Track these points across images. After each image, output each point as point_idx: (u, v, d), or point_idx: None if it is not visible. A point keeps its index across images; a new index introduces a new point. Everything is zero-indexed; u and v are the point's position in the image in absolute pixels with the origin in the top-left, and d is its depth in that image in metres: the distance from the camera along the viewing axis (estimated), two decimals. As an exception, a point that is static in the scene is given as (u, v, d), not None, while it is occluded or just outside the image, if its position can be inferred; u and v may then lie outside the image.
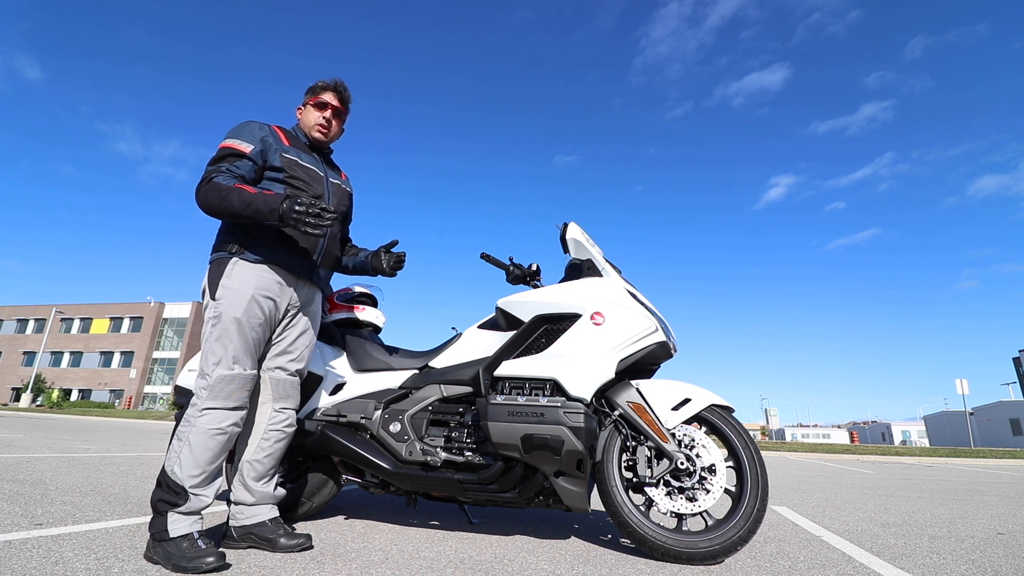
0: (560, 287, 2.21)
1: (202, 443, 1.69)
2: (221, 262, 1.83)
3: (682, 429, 2.04)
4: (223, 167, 1.80)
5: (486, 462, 2.05)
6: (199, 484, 1.68)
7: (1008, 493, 5.24)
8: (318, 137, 2.07)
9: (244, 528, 1.88)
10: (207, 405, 1.72)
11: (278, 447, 1.96)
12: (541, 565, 1.83)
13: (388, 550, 1.93)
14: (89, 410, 26.99)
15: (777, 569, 1.90)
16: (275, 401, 1.95)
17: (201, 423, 1.70)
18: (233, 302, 1.78)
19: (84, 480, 3.24)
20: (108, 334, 51.80)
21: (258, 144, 1.87)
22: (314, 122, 2.05)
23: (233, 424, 1.75)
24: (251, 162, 1.84)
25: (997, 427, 38.14)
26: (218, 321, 1.77)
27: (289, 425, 1.99)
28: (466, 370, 2.19)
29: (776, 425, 56.33)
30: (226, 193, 1.72)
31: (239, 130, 1.89)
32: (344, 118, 2.14)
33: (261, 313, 1.82)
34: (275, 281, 1.86)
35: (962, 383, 23.43)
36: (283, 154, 1.91)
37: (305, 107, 2.09)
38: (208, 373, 1.74)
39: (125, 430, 11.15)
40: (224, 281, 1.80)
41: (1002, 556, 2.28)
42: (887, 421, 63.97)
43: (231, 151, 1.83)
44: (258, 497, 1.91)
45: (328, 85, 2.08)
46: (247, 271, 1.81)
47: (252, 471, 1.91)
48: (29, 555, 1.61)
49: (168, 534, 1.60)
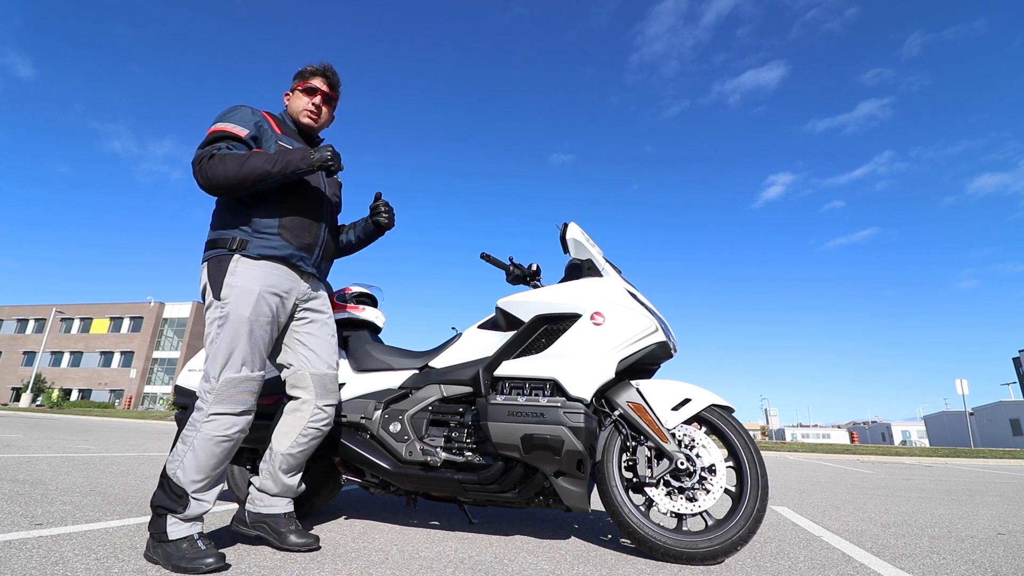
0: (560, 287, 2.21)
1: (207, 449, 1.65)
2: (222, 260, 1.76)
3: (682, 429, 2.04)
4: (220, 146, 1.72)
5: (486, 462, 2.05)
6: (201, 489, 1.65)
7: (1008, 493, 5.24)
8: (308, 123, 2.01)
9: (259, 515, 1.87)
10: (213, 410, 1.66)
11: (312, 444, 1.95)
12: (541, 565, 1.83)
13: (388, 550, 1.93)
14: (89, 410, 26.99)
15: (777, 569, 1.90)
16: (319, 398, 1.92)
17: (207, 429, 1.65)
18: (240, 300, 1.72)
19: (84, 480, 3.24)
20: (108, 334, 51.81)
21: (252, 129, 1.81)
22: (303, 108, 1.99)
23: (240, 431, 1.71)
24: (246, 147, 1.77)
25: (997, 427, 38.14)
26: (225, 321, 1.71)
27: (327, 424, 1.96)
28: (466, 370, 2.19)
29: (776, 425, 56.34)
30: (245, 158, 1.67)
31: (231, 114, 1.81)
32: (334, 104, 2.08)
33: (269, 311, 1.77)
34: (280, 277, 1.82)
35: (962, 383, 23.43)
36: (278, 142, 1.85)
37: (293, 92, 2.02)
38: (214, 376, 1.68)
39: (125, 430, 11.15)
40: (228, 279, 1.73)
41: (1002, 556, 2.28)
42: (887, 421, 64.00)
43: (226, 133, 1.75)
44: (281, 489, 1.90)
45: (316, 70, 2.01)
46: (252, 268, 1.76)
47: (284, 463, 1.90)
48: (29, 555, 1.61)
49: (167, 536, 1.59)
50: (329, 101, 2.05)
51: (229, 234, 1.79)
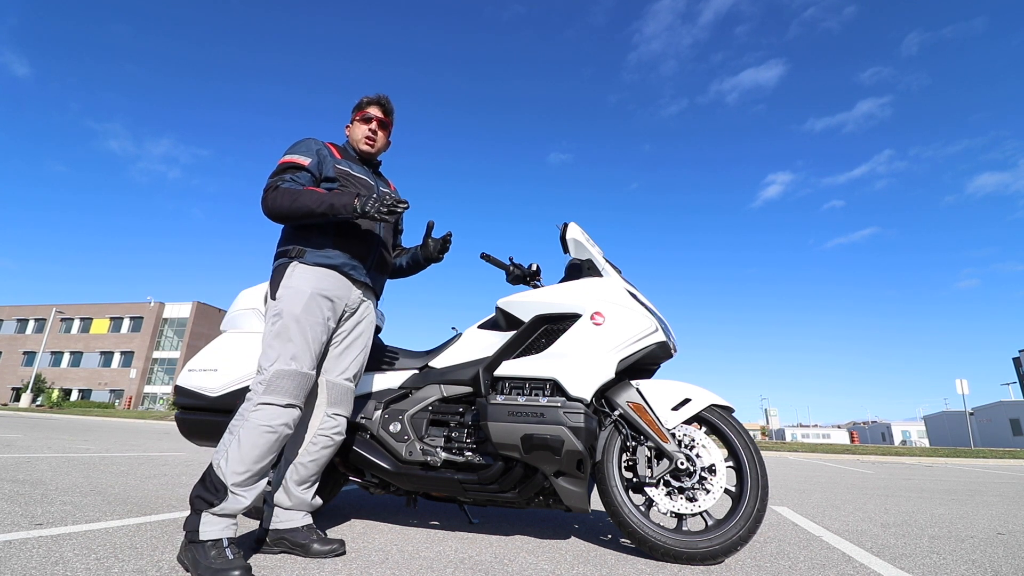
0: (560, 287, 2.21)
1: (251, 439, 1.67)
2: (282, 267, 1.91)
3: (682, 429, 2.04)
4: (286, 177, 1.90)
5: (486, 462, 2.05)
6: (241, 483, 1.65)
7: (1008, 493, 5.24)
8: (366, 149, 2.15)
9: (277, 532, 1.86)
10: (262, 400, 1.71)
11: (324, 453, 1.95)
12: (541, 565, 1.83)
13: (388, 550, 1.93)
14: (89, 410, 26.99)
15: (777, 569, 1.90)
16: (329, 406, 1.95)
17: (254, 418, 1.69)
18: (293, 300, 1.82)
19: (84, 480, 3.24)
20: (108, 334, 51.81)
21: (315, 157, 1.97)
22: (361, 135, 2.14)
23: (284, 424, 1.73)
24: (309, 174, 1.94)
25: (997, 427, 38.14)
26: (278, 319, 1.81)
27: (338, 433, 1.97)
28: (466, 370, 2.19)
29: (776, 425, 56.35)
30: (297, 195, 1.84)
31: (297, 146, 1.99)
32: (389, 129, 2.22)
33: (320, 312, 1.85)
34: (333, 283, 1.91)
35: (962, 383, 23.43)
36: (336, 166, 2.01)
37: (353, 124, 2.18)
38: (266, 368, 1.76)
39: (125, 430, 11.15)
40: (285, 282, 1.87)
41: (1002, 556, 2.28)
42: (887, 421, 63.99)
43: (291, 164, 1.94)
44: (295, 503, 1.90)
45: (372, 100, 2.18)
46: (306, 272, 1.88)
47: (295, 474, 1.91)
48: (29, 555, 1.61)
49: (199, 535, 1.57)
50: (384, 126, 2.19)
51: (291, 245, 1.94)
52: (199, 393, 2.23)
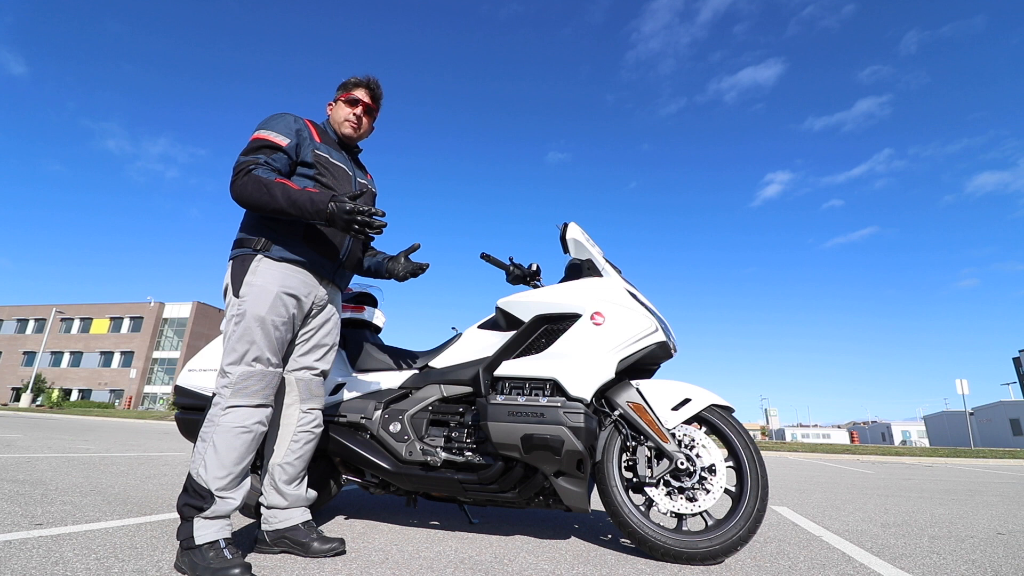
0: (560, 287, 2.21)
1: (227, 443, 1.64)
2: (245, 259, 1.79)
3: (682, 429, 2.04)
4: (260, 159, 1.75)
5: (486, 462, 2.05)
6: (225, 487, 1.62)
7: (1008, 493, 5.23)
8: (348, 133, 2.03)
9: (277, 532, 1.84)
10: (230, 403, 1.67)
11: (307, 448, 1.94)
12: (541, 565, 1.83)
13: (388, 550, 1.93)
14: (89, 410, 26.99)
15: (777, 569, 1.90)
16: (302, 402, 1.93)
17: (225, 422, 1.65)
18: (257, 299, 1.73)
19: (84, 480, 3.24)
20: (108, 334, 51.80)
21: (293, 138, 1.84)
22: (344, 118, 2.02)
23: (258, 422, 1.70)
24: (286, 156, 1.81)
25: (997, 427, 38.13)
26: (241, 318, 1.73)
27: (317, 426, 1.97)
28: (466, 370, 2.19)
29: (776, 425, 56.36)
30: (269, 187, 1.69)
31: (274, 121, 1.84)
32: (375, 116, 2.10)
33: (285, 311, 1.78)
34: (300, 280, 1.83)
35: (962, 383, 23.43)
36: (315, 150, 1.88)
37: (336, 103, 2.05)
38: (230, 371, 1.70)
39: (125, 430, 11.15)
40: (248, 278, 1.76)
41: (1002, 556, 2.28)
42: (887, 421, 63.98)
43: (267, 143, 1.79)
44: (291, 500, 1.89)
45: (360, 81, 2.04)
46: (272, 268, 1.78)
47: (284, 474, 1.88)
48: (29, 555, 1.61)
49: (194, 541, 1.55)
50: (370, 112, 2.07)
51: (255, 235, 1.82)
52: (199, 393, 2.23)
